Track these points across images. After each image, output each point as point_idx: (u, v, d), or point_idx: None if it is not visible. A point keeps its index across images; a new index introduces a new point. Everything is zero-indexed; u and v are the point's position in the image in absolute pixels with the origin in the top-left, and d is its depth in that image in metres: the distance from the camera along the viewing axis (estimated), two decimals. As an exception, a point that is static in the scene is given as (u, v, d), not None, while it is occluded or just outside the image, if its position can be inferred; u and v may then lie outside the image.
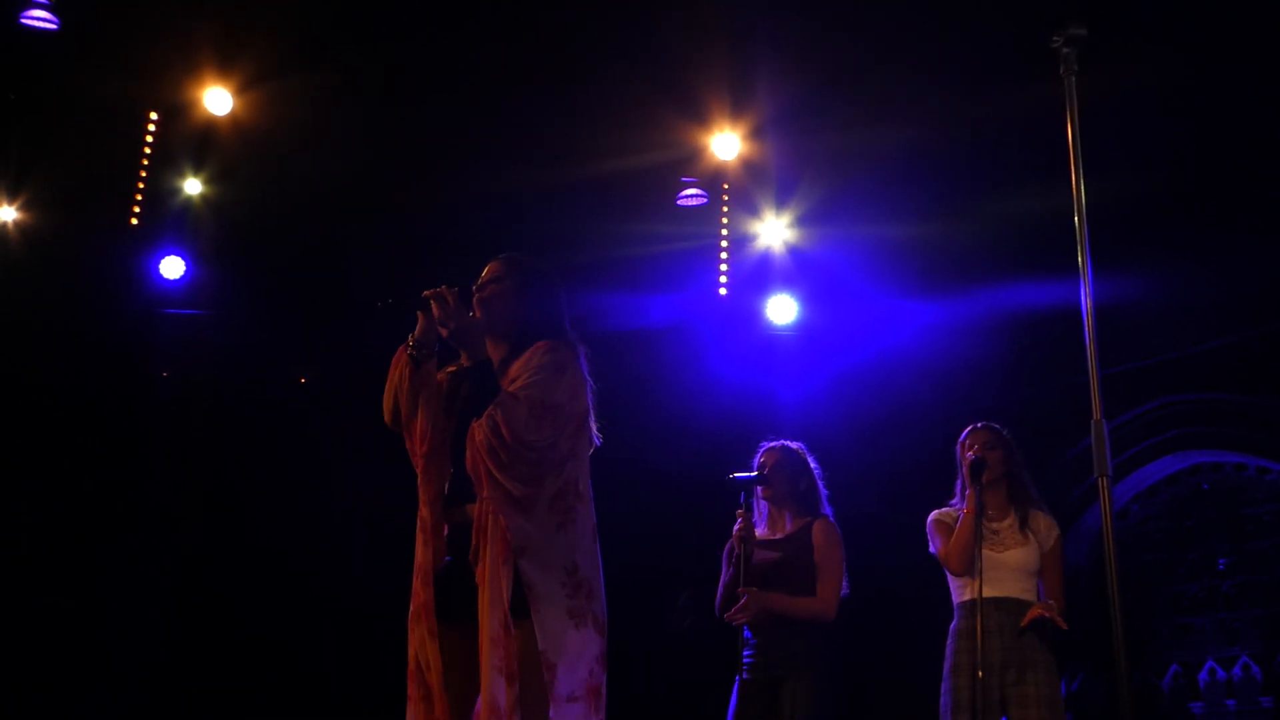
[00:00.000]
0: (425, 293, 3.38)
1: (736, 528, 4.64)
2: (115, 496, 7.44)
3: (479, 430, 3.19)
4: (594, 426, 3.45)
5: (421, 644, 3.29)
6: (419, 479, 3.43)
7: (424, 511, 3.40)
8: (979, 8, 5.95)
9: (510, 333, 3.44)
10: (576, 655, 3.17)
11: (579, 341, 3.47)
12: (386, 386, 3.48)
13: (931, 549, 4.65)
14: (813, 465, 4.88)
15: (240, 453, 7.66)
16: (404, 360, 3.43)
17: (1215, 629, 6.97)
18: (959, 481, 4.64)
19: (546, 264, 3.60)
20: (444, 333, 3.35)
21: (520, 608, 3.18)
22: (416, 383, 3.42)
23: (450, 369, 3.51)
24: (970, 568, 4.42)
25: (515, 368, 3.32)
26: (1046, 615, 4.36)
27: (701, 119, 7.13)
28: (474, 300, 3.46)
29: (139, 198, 7.41)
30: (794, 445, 4.90)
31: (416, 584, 3.34)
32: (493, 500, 3.18)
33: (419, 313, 3.41)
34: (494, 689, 3.09)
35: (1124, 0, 5.60)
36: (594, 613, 3.25)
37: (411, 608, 3.34)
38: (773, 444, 4.91)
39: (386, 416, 3.50)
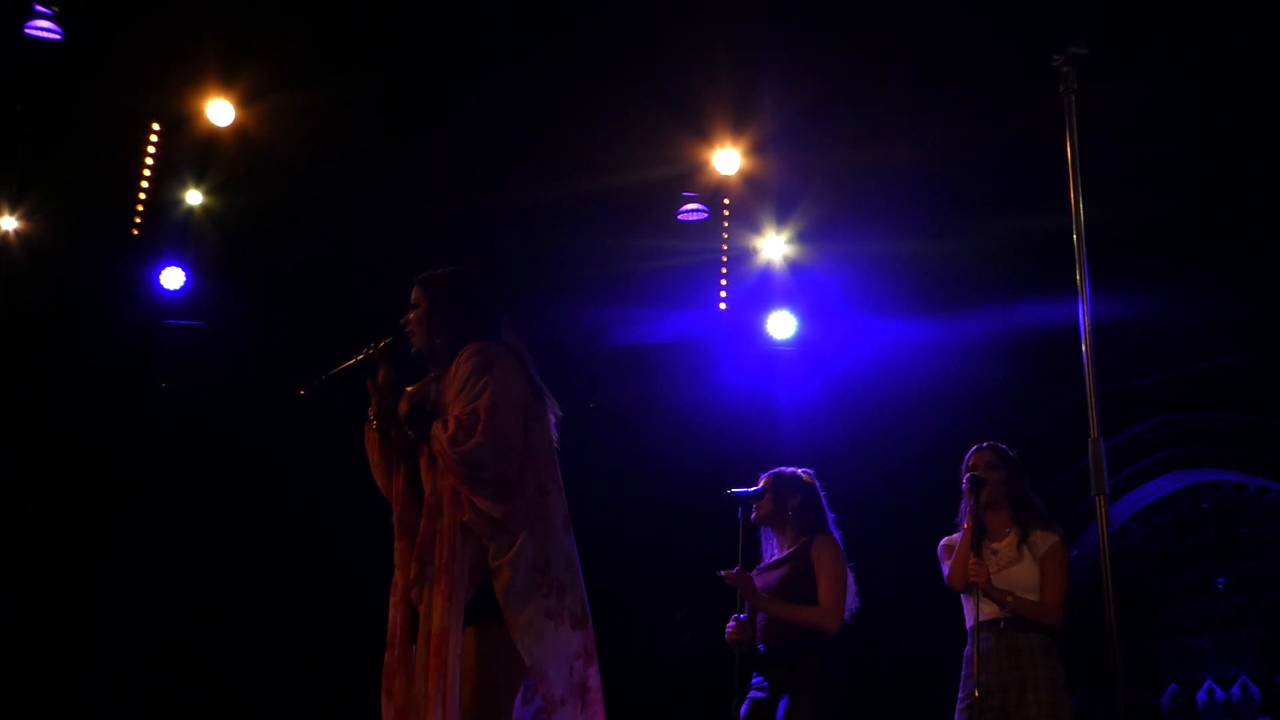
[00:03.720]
0: (359, 356, 3.42)
1: (735, 571, 4.61)
2: (114, 506, 7.43)
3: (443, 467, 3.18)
4: (552, 421, 3.41)
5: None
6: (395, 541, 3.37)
7: (398, 575, 3.32)
8: (979, 27, 5.97)
9: (441, 352, 3.42)
10: (560, 656, 3.13)
11: (514, 339, 3.44)
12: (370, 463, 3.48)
13: (944, 574, 4.61)
14: (817, 488, 4.85)
15: (239, 463, 7.65)
16: (372, 436, 3.45)
17: (1214, 649, 6.96)
18: (963, 503, 4.59)
19: (469, 271, 3.54)
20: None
21: (484, 614, 3.14)
22: (388, 451, 3.43)
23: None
24: (968, 587, 4.38)
25: (449, 381, 3.31)
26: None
27: (703, 134, 7.14)
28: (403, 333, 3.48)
29: (140, 208, 7.41)
30: (789, 470, 4.88)
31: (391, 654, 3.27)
32: (475, 525, 3.15)
33: (367, 383, 3.43)
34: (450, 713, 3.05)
35: (1125, 20, 5.62)
36: (569, 609, 3.18)
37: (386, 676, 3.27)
38: (772, 471, 4.89)
39: (382, 490, 3.49)
